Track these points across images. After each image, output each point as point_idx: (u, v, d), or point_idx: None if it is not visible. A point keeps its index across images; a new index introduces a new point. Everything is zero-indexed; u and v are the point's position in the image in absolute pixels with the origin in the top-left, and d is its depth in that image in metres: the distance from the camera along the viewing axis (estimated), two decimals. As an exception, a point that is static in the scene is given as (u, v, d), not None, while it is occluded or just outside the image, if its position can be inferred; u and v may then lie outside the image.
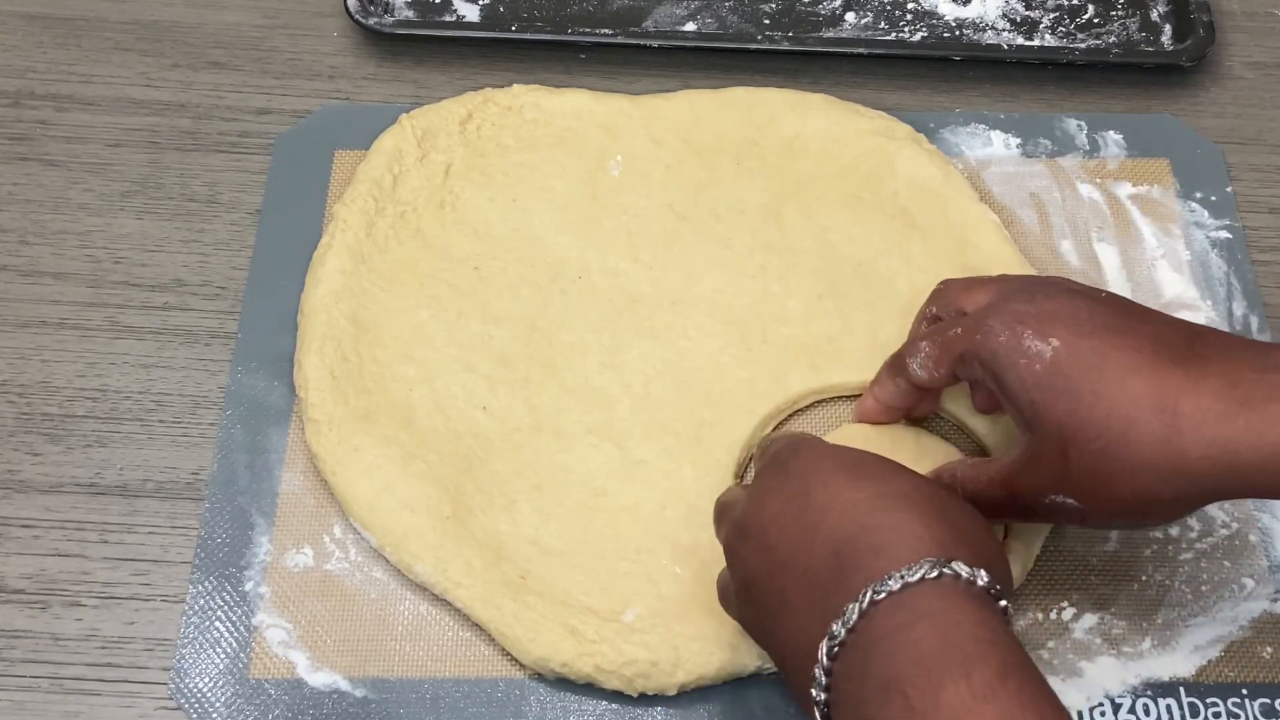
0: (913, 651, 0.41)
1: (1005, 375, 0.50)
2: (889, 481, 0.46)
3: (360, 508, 0.59)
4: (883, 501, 0.45)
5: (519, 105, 0.71)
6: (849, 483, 0.46)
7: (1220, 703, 0.56)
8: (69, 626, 0.58)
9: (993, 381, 0.51)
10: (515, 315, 0.65)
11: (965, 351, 0.52)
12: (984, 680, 0.39)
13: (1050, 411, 0.48)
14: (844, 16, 0.78)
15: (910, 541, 0.43)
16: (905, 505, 0.45)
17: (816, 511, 0.46)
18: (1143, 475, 0.46)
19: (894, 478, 0.47)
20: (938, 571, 0.42)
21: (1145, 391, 0.46)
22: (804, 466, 0.48)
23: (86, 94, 0.74)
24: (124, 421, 0.63)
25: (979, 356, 0.51)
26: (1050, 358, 0.48)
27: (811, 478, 0.47)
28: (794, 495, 0.47)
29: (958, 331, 0.53)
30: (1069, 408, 0.47)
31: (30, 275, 0.67)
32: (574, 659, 0.55)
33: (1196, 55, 0.75)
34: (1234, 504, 0.61)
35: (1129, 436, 0.46)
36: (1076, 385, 0.47)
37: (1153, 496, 0.47)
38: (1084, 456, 0.47)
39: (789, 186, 0.69)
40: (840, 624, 0.42)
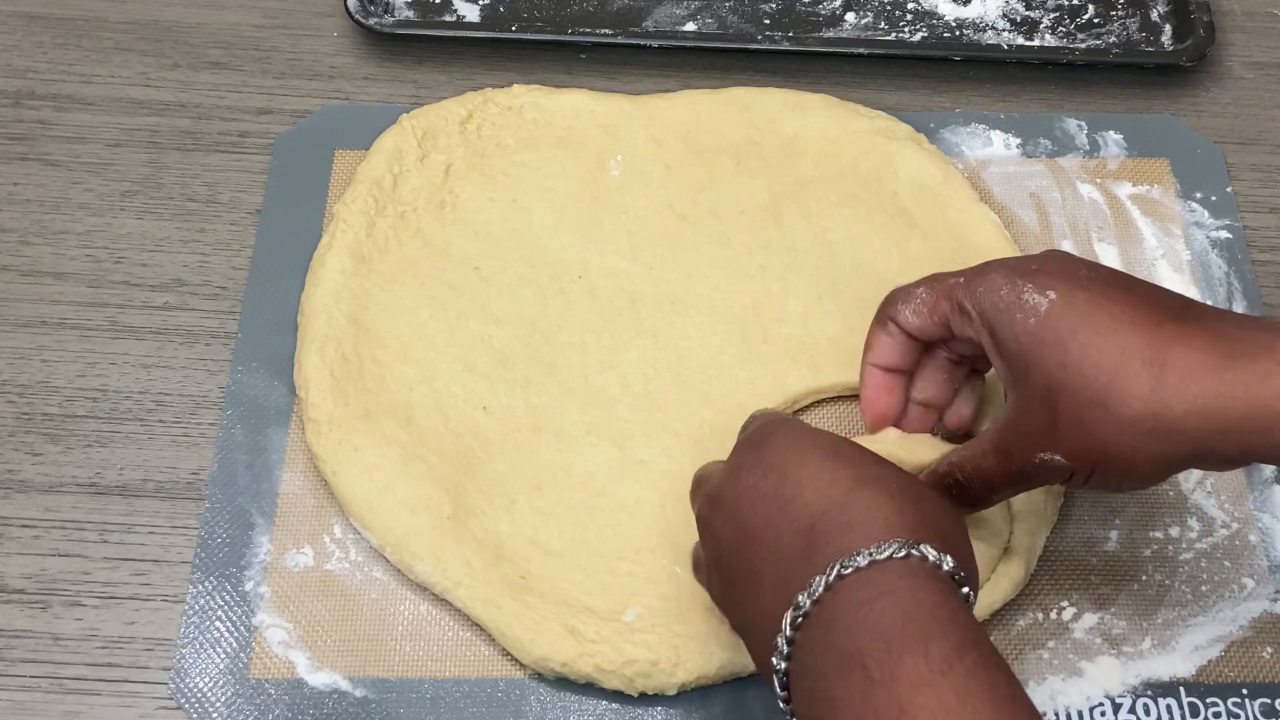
0: (874, 626, 0.41)
1: (1000, 328, 0.50)
2: (865, 465, 0.47)
3: (360, 508, 0.59)
4: (858, 483, 0.45)
5: (519, 105, 0.71)
6: (826, 462, 0.46)
7: (1220, 703, 0.56)
8: (69, 626, 0.58)
9: (986, 335, 0.51)
10: (515, 315, 0.65)
11: (965, 302, 0.52)
12: (941, 654, 0.40)
13: (1041, 363, 0.48)
14: (844, 16, 0.78)
15: (880, 521, 0.44)
16: (879, 488, 0.45)
17: (791, 487, 0.46)
18: (1128, 429, 0.46)
19: (871, 463, 0.47)
20: (905, 551, 0.42)
21: (1135, 342, 0.46)
22: (781, 443, 0.48)
23: (87, 94, 0.74)
24: (124, 421, 0.63)
25: (979, 308, 0.51)
26: (1045, 310, 0.48)
27: (788, 454, 0.48)
28: (769, 470, 0.47)
29: (959, 280, 0.53)
30: (1058, 359, 0.47)
31: (30, 275, 0.67)
32: (574, 659, 0.55)
33: (1196, 55, 0.75)
34: (1234, 504, 0.61)
35: (1116, 386, 0.46)
36: (1067, 336, 0.47)
37: (1136, 452, 0.46)
38: (1071, 408, 0.47)
39: (789, 186, 0.69)
40: (805, 595, 0.43)
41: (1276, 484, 0.62)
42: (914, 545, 0.43)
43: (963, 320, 0.52)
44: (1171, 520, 0.61)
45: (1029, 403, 0.48)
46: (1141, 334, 0.46)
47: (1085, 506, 0.61)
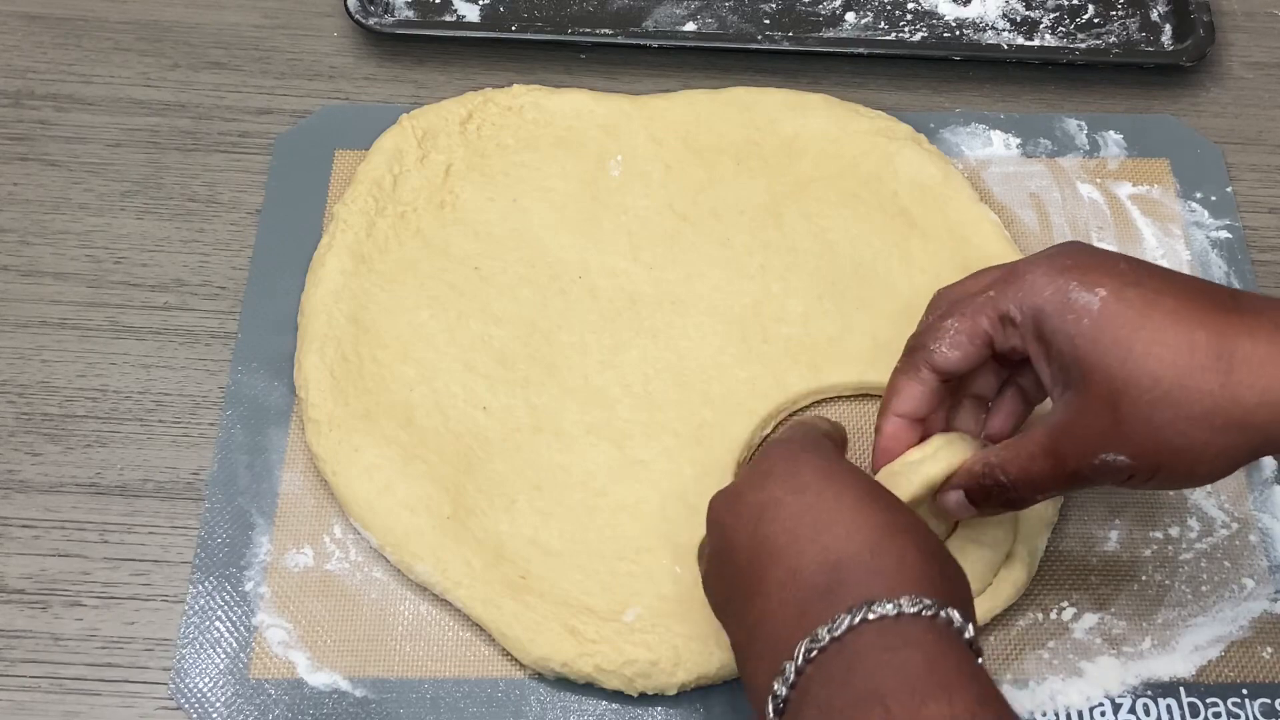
0: (899, 670, 0.41)
1: (1051, 331, 0.48)
2: (896, 513, 0.46)
3: (360, 508, 0.59)
4: (891, 531, 0.45)
5: (519, 105, 0.71)
6: (862, 501, 0.46)
7: (1220, 703, 0.56)
8: (69, 626, 0.58)
9: (1034, 341, 0.49)
10: (515, 315, 0.65)
11: (1005, 312, 0.50)
12: (965, 703, 0.40)
13: (1100, 365, 0.46)
14: (844, 16, 0.78)
15: (912, 576, 0.44)
16: (910, 542, 0.45)
17: (824, 516, 0.46)
18: (1199, 425, 0.45)
19: (901, 511, 0.47)
20: (934, 611, 0.43)
21: (1199, 338, 0.45)
22: (819, 466, 0.48)
23: (87, 94, 0.74)
24: (124, 421, 0.63)
25: (1025, 313, 0.49)
26: (1099, 309, 0.47)
27: (825, 481, 0.47)
28: (802, 489, 0.47)
29: (990, 294, 0.51)
30: (1120, 359, 0.46)
31: (30, 275, 0.67)
32: (574, 659, 0.55)
33: (1196, 55, 0.75)
34: (1234, 504, 0.61)
35: (1184, 383, 0.45)
36: (1128, 335, 0.46)
37: (1206, 447, 0.46)
38: (1137, 409, 0.46)
39: (789, 186, 0.69)
40: (826, 630, 0.43)
41: (1276, 484, 0.62)
42: (942, 606, 0.43)
43: (1007, 331, 0.51)
44: (1171, 520, 0.61)
45: (1089, 403, 0.47)
46: (1204, 329, 0.46)
47: (1085, 506, 0.61)
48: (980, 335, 0.51)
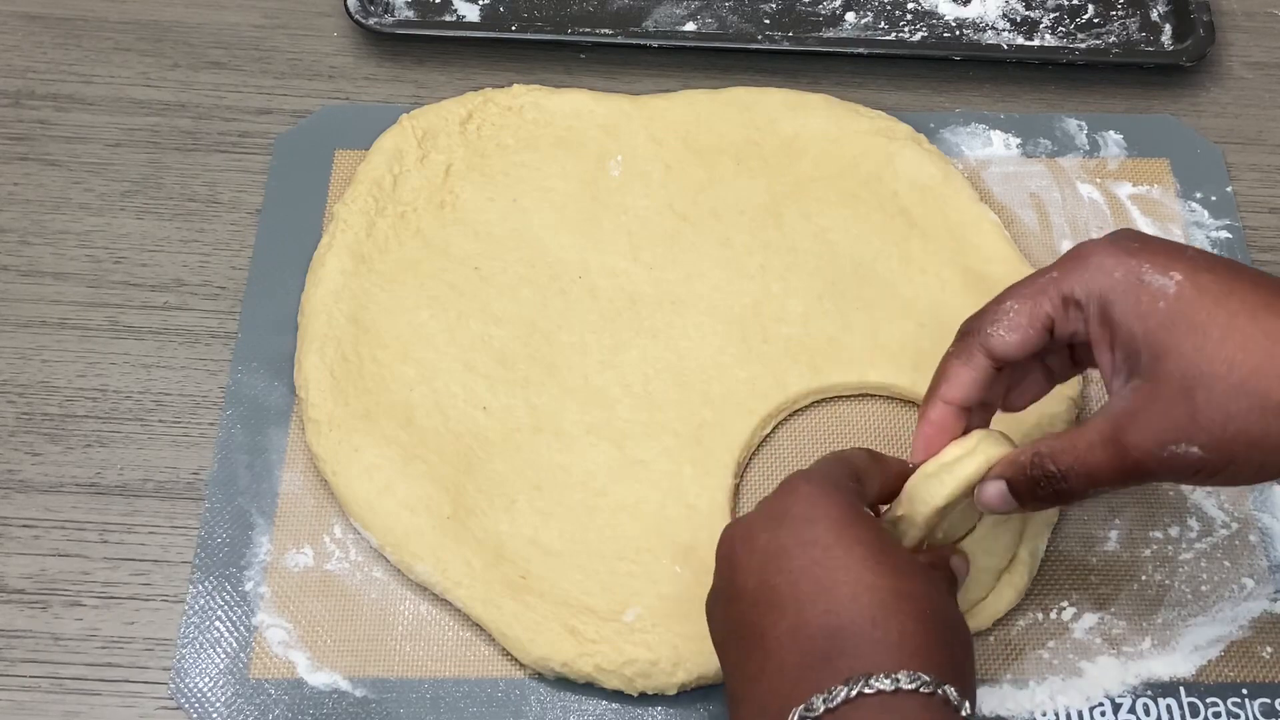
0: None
1: (1120, 314, 0.46)
2: (906, 578, 0.45)
3: (360, 508, 0.59)
4: (896, 599, 0.44)
5: (519, 105, 0.71)
6: (869, 563, 0.45)
7: (1220, 703, 0.56)
8: (69, 626, 0.58)
9: (1099, 326, 0.47)
10: (515, 315, 0.65)
11: (1070, 294, 0.48)
12: None
13: (1175, 351, 0.45)
14: (844, 16, 0.78)
15: (911, 649, 0.43)
16: (915, 611, 0.44)
17: (828, 577, 0.45)
18: (1275, 418, 0.44)
19: (910, 575, 0.46)
20: (932, 689, 0.42)
21: (1277, 327, 0.44)
22: (835, 519, 0.47)
23: (86, 94, 0.74)
24: (124, 421, 0.63)
25: (1091, 296, 0.47)
26: (1174, 293, 0.45)
27: (836, 537, 0.46)
28: (810, 544, 0.46)
29: (1054, 275, 0.49)
30: (1196, 345, 0.44)
31: (30, 275, 0.67)
32: (574, 659, 0.55)
33: (1196, 55, 0.75)
34: (1234, 504, 0.61)
35: (1264, 373, 0.44)
36: (1204, 320, 0.44)
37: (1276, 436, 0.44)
38: (1214, 397, 0.44)
39: (789, 186, 0.69)
40: (822, 700, 0.43)
41: (1276, 484, 0.62)
42: (940, 685, 0.43)
43: (1070, 315, 0.48)
44: (1171, 520, 0.61)
45: (1160, 391, 0.45)
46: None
47: (1085, 506, 0.61)
48: (1041, 319, 0.49)
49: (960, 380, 0.51)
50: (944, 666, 0.44)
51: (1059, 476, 0.48)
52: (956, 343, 0.52)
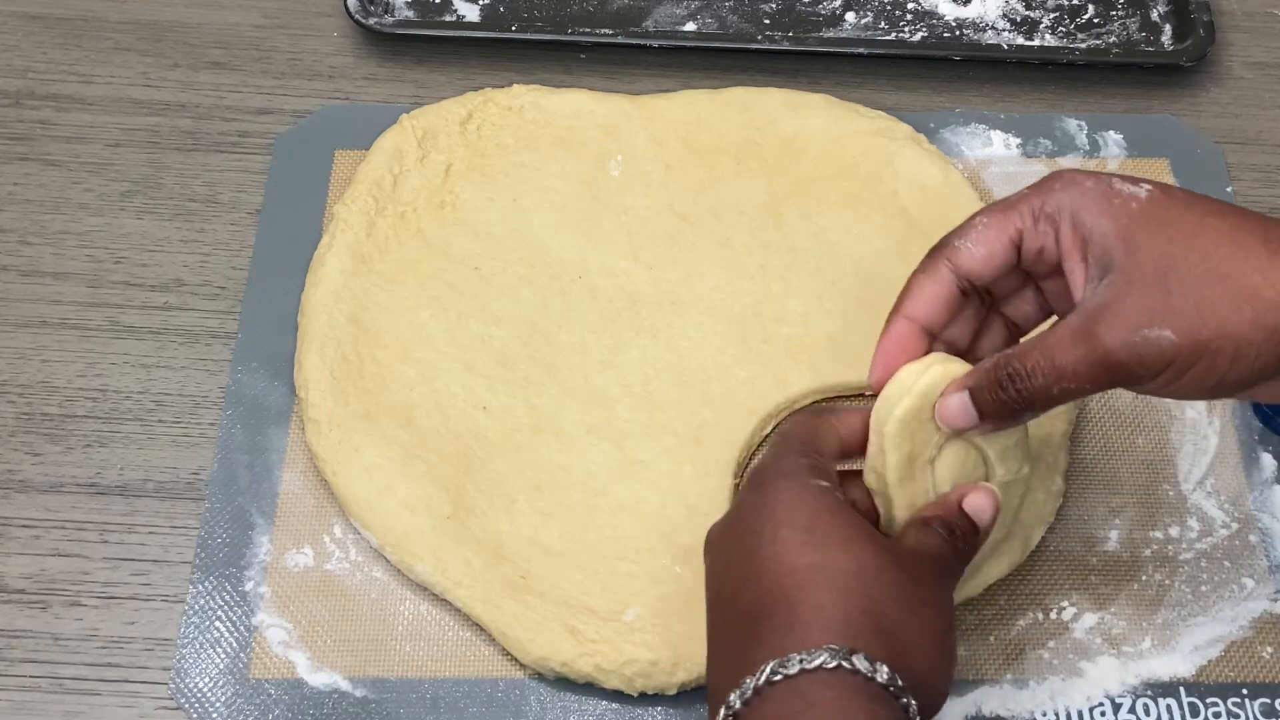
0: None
1: (1090, 220, 0.46)
2: (833, 553, 0.45)
3: (360, 508, 0.59)
4: (815, 576, 0.44)
5: (519, 105, 0.71)
6: (792, 544, 0.45)
7: (1220, 703, 0.56)
8: (69, 626, 0.58)
9: (1070, 234, 0.47)
10: (515, 315, 0.65)
11: (1040, 207, 0.48)
12: None
13: (1148, 241, 0.45)
14: (844, 16, 0.78)
15: (820, 624, 0.43)
16: (835, 585, 0.44)
17: (757, 563, 0.46)
18: (1249, 301, 0.43)
19: (842, 550, 0.45)
20: (836, 662, 0.42)
21: (1247, 224, 0.45)
22: (764, 504, 0.47)
23: (86, 94, 0.74)
24: (124, 421, 0.63)
25: (1061, 206, 0.47)
26: (1146, 197, 0.46)
27: (764, 523, 0.47)
28: (744, 535, 0.47)
29: (1024, 193, 0.48)
30: (1169, 236, 0.45)
31: (30, 275, 0.67)
32: (574, 659, 0.55)
33: (1196, 55, 0.75)
34: (1234, 504, 0.61)
35: (1235, 259, 0.44)
36: (1176, 217, 0.45)
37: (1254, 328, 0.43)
38: (1187, 282, 0.44)
39: (789, 186, 0.69)
40: (737, 695, 0.43)
41: (1276, 484, 0.62)
42: (846, 655, 0.42)
43: (1040, 229, 0.48)
44: (1171, 520, 0.61)
45: (1134, 279, 0.45)
46: (1253, 222, 0.45)
47: (1085, 506, 0.61)
48: (1010, 232, 0.48)
49: (924, 295, 0.50)
50: (863, 632, 0.43)
51: (1024, 375, 0.46)
52: (924, 260, 0.51)
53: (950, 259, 0.49)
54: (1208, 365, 0.44)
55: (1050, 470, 0.60)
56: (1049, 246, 0.48)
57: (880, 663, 0.42)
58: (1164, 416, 0.64)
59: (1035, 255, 0.48)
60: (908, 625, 0.45)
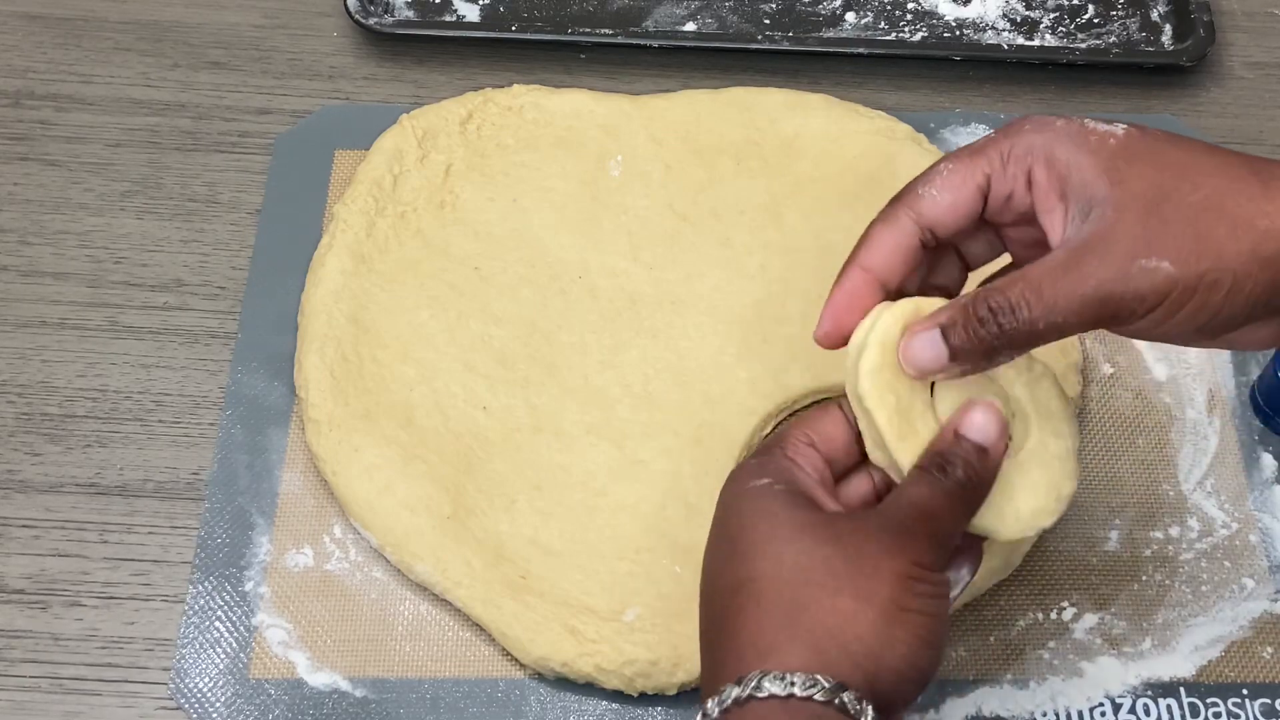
0: None
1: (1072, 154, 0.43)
2: (751, 564, 0.43)
3: (360, 508, 0.59)
4: (735, 597, 0.43)
5: (519, 105, 0.71)
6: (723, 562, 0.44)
7: (1220, 703, 0.56)
8: (69, 626, 0.58)
9: (1044, 172, 0.44)
10: (515, 315, 0.65)
11: (1008, 149, 0.44)
12: None
13: (1138, 173, 0.42)
14: (844, 16, 0.78)
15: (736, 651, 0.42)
16: (749, 603, 0.42)
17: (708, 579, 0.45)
18: (1245, 229, 0.41)
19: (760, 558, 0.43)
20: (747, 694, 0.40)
21: (1231, 158, 0.43)
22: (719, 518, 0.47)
23: (86, 94, 0.74)
24: (124, 421, 0.63)
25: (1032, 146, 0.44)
26: (1123, 133, 0.43)
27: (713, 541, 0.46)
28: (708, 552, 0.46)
29: (992, 137, 0.45)
30: (1158, 167, 0.42)
31: (30, 275, 0.67)
32: (574, 659, 0.55)
33: (1196, 55, 0.75)
34: (1234, 504, 0.61)
35: (1227, 189, 0.42)
36: (1161, 151, 0.43)
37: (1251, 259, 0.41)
38: (1182, 211, 0.41)
39: (789, 186, 0.69)
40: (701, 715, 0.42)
41: (1276, 484, 0.62)
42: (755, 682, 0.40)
43: (1009, 171, 0.44)
44: (1171, 520, 0.61)
45: (1124, 209, 0.41)
46: (1235, 154, 0.43)
47: (1085, 506, 0.61)
48: (977, 175, 0.45)
49: (882, 245, 0.46)
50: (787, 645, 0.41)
51: (1008, 309, 0.42)
52: (884, 209, 0.47)
53: (912, 207, 0.46)
54: (1203, 299, 0.41)
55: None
56: (1019, 191, 0.45)
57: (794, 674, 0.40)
58: (1164, 417, 0.64)
59: (1003, 202, 0.45)
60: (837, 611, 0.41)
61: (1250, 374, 0.65)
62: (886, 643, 0.41)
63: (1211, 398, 0.64)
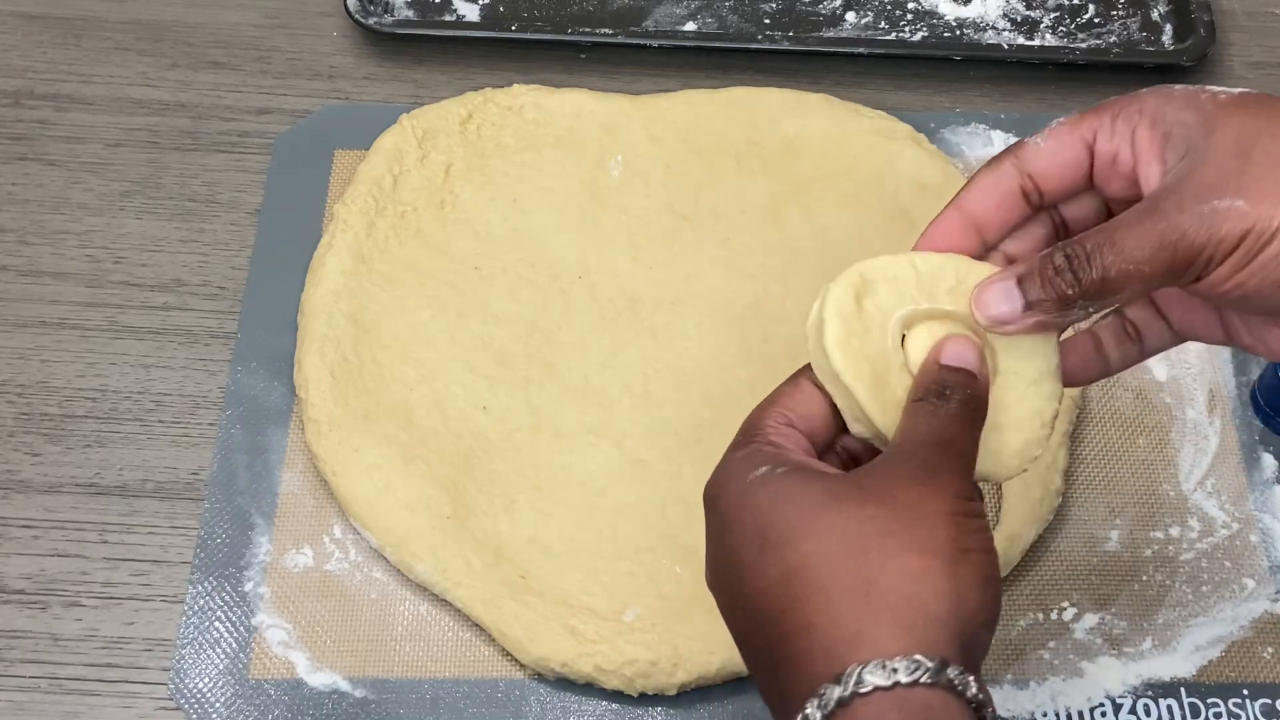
0: None
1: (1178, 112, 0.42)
2: (795, 550, 0.39)
3: (360, 508, 0.59)
4: (788, 589, 0.38)
5: (519, 105, 0.71)
6: (758, 559, 0.40)
7: (1221, 703, 0.56)
8: (69, 627, 0.58)
9: (1149, 130, 0.43)
10: (515, 315, 0.64)
11: (1122, 109, 0.44)
12: None
13: (1231, 121, 0.40)
14: (844, 16, 0.78)
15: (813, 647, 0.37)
16: (810, 591, 0.38)
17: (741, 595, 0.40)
18: None
19: (802, 539, 0.39)
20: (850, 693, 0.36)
21: None
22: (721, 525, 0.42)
23: (86, 94, 0.74)
24: (124, 421, 0.63)
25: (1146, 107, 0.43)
26: (1237, 92, 0.42)
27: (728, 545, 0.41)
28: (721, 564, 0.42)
29: (1111, 100, 0.44)
30: (1255, 114, 0.41)
31: (30, 275, 0.67)
32: (574, 659, 0.55)
33: (1197, 55, 0.75)
34: (1234, 504, 0.61)
35: None
36: (1266, 103, 0.41)
37: None
38: (1269, 153, 0.39)
39: (789, 186, 0.69)
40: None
41: (1277, 484, 0.62)
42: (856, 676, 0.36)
43: (1117, 129, 0.43)
44: (1172, 520, 0.61)
45: (1209, 156, 0.40)
46: None
47: (1085, 506, 0.61)
48: (1084, 129, 0.44)
49: (980, 187, 0.45)
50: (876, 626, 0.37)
51: (1083, 256, 0.40)
52: (993, 159, 0.46)
53: (1016, 154, 0.45)
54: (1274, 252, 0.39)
55: (1050, 470, 0.60)
56: (1124, 151, 0.43)
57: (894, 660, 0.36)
58: (1164, 417, 0.64)
59: (1109, 163, 0.44)
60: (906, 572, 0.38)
61: (1250, 374, 0.65)
62: (962, 591, 0.38)
63: (1212, 398, 0.64)
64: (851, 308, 0.43)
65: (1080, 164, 0.44)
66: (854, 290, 0.44)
